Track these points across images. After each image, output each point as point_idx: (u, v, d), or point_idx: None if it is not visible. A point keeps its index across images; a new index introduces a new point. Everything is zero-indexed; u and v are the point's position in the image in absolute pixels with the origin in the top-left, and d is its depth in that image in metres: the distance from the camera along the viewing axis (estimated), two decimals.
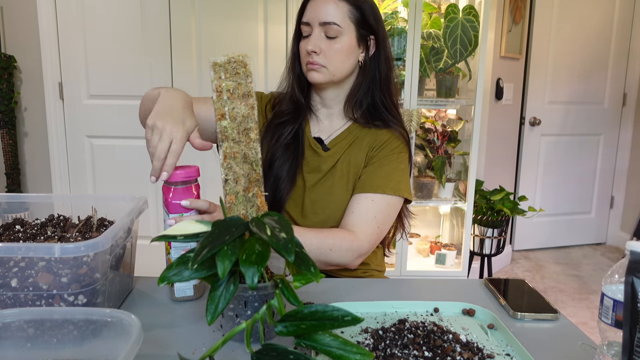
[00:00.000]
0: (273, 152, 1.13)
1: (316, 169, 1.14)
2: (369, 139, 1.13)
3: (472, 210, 2.51)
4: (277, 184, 1.12)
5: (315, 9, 1.06)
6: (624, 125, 3.64)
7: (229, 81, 0.73)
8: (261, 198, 0.77)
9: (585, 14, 3.39)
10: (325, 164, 1.14)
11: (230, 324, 0.75)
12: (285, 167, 1.12)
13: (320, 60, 1.07)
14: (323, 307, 0.59)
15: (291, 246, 0.59)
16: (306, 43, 1.08)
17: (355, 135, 1.14)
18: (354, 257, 1.01)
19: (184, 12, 2.50)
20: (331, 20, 1.05)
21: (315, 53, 1.06)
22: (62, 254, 0.70)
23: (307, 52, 1.07)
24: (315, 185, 1.14)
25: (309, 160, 1.15)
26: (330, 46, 1.06)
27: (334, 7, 1.05)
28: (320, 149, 1.14)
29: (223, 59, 0.73)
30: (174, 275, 0.63)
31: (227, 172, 0.74)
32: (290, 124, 1.14)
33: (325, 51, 1.06)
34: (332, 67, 1.08)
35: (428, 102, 2.48)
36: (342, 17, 1.06)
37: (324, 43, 1.06)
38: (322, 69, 1.08)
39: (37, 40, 2.50)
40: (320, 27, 1.06)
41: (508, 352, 0.72)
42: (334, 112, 1.17)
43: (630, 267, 0.58)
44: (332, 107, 1.17)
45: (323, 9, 1.05)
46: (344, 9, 1.06)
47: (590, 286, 3.02)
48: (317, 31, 1.06)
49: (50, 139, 2.59)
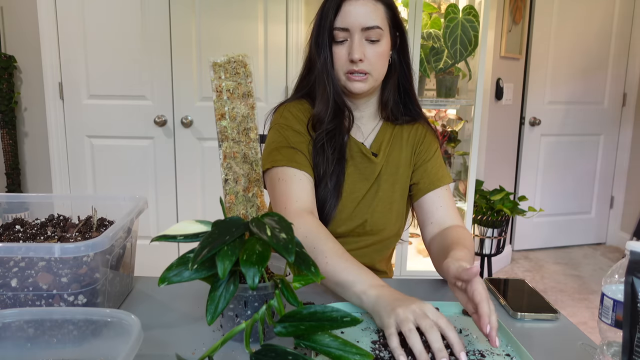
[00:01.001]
0: (324, 170, 1.05)
1: (368, 177, 1.10)
2: (407, 136, 1.13)
3: (472, 210, 2.51)
4: (324, 200, 1.06)
5: (353, 13, 0.99)
6: (623, 125, 3.64)
7: (229, 81, 0.73)
8: (261, 198, 0.77)
9: (585, 14, 3.39)
10: (373, 173, 1.10)
11: (230, 324, 0.75)
12: (333, 182, 1.05)
13: (365, 67, 1.01)
14: (322, 307, 0.59)
15: (291, 247, 0.59)
16: (345, 50, 1.01)
17: (391, 134, 1.12)
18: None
19: (184, 12, 2.50)
20: (374, 24, 0.99)
21: (361, 61, 1.00)
22: (62, 254, 0.70)
23: (352, 61, 1.00)
24: (369, 192, 1.11)
25: (360, 168, 1.10)
26: (374, 51, 1.01)
27: (374, 9, 1.00)
28: (370, 154, 1.09)
29: (223, 59, 0.73)
30: (174, 276, 0.63)
31: (227, 172, 0.74)
32: (338, 136, 1.07)
33: (369, 57, 1.01)
34: (375, 73, 1.03)
35: (428, 102, 2.48)
36: (382, 19, 1.01)
37: (367, 48, 1.01)
38: (367, 78, 1.02)
39: (37, 40, 2.50)
40: (361, 32, 0.99)
41: (508, 352, 0.72)
42: (364, 114, 1.12)
43: (630, 267, 0.58)
44: (364, 109, 1.12)
45: (363, 13, 0.99)
46: (381, 10, 1.01)
47: (590, 286, 3.02)
48: (357, 37, 0.99)
49: (50, 139, 2.59)
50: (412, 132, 1.14)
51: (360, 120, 1.13)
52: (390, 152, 1.11)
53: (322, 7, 1.04)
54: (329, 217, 1.06)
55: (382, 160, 1.10)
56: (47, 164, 2.64)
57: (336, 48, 1.02)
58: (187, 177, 2.65)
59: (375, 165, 1.10)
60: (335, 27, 1.01)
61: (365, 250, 1.12)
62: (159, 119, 2.56)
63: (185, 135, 2.61)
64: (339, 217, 1.07)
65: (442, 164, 1.13)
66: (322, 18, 1.03)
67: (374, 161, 1.09)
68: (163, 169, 2.65)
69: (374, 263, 1.16)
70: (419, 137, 1.14)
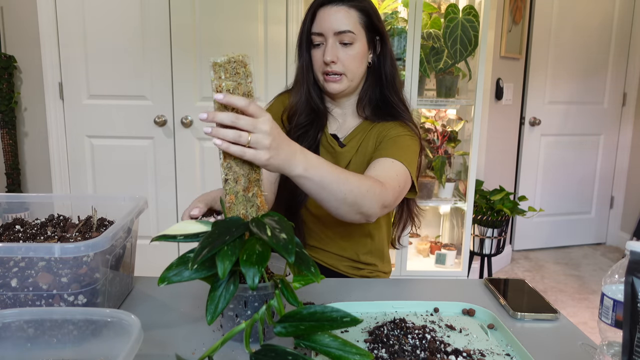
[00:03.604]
0: None
1: (339, 163, 1.16)
2: (379, 128, 1.15)
3: (472, 210, 2.51)
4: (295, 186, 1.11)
5: (327, 19, 1.07)
6: (623, 125, 3.64)
7: (229, 81, 0.73)
8: (261, 198, 0.77)
9: (585, 14, 3.39)
10: (343, 161, 1.16)
11: (230, 324, 0.75)
12: None
13: (339, 68, 1.08)
14: (322, 308, 0.59)
15: (291, 247, 0.59)
16: (321, 53, 1.09)
17: (367, 130, 1.16)
18: (380, 205, 0.95)
19: (184, 12, 2.50)
20: (345, 28, 1.06)
21: (334, 62, 1.08)
22: (62, 254, 0.70)
23: (325, 63, 1.08)
24: None
25: (332, 154, 1.17)
26: (346, 53, 1.08)
27: (346, 15, 1.07)
28: (337, 145, 1.17)
29: (223, 59, 0.73)
30: (174, 276, 0.63)
31: (227, 171, 0.74)
32: (313, 132, 1.16)
33: (342, 59, 1.08)
34: (350, 74, 1.10)
35: (428, 102, 2.48)
36: (354, 23, 1.07)
37: (340, 51, 1.08)
38: (341, 79, 1.10)
39: (37, 40, 2.50)
40: (334, 36, 1.07)
41: (508, 352, 0.72)
42: (347, 111, 1.20)
43: (630, 267, 0.58)
44: (346, 107, 1.20)
45: (335, 18, 1.06)
46: (354, 16, 1.08)
47: (590, 286, 3.02)
48: (331, 41, 1.07)
49: (50, 139, 2.59)
50: (384, 125, 1.15)
51: (342, 117, 1.20)
52: (361, 143, 1.16)
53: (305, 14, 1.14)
54: (304, 199, 1.14)
55: (352, 149, 1.16)
56: (47, 164, 2.63)
57: (314, 51, 1.12)
58: (187, 177, 2.65)
59: (345, 154, 1.16)
60: (312, 32, 1.10)
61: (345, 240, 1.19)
62: (159, 119, 2.56)
63: (185, 135, 2.61)
64: (311, 200, 1.11)
65: (406, 150, 1.08)
66: (302, 24, 1.13)
67: (337, 150, 1.16)
68: (163, 169, 2.65)
69: (358, 255, 1.20)
70: (388, 126, 1.14)
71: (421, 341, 0.73)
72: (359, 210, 0.91)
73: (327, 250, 1.20)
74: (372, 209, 0.93)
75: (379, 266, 1.23)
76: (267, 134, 0.72)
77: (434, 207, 2.83)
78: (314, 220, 1.19)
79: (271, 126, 0.72)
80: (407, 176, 1.04)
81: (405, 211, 1.22)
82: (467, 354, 0.70)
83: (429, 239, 2.89)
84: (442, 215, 2.93)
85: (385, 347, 0.72)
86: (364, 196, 0.90)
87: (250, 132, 0.71)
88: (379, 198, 0.93)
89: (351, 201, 0.88)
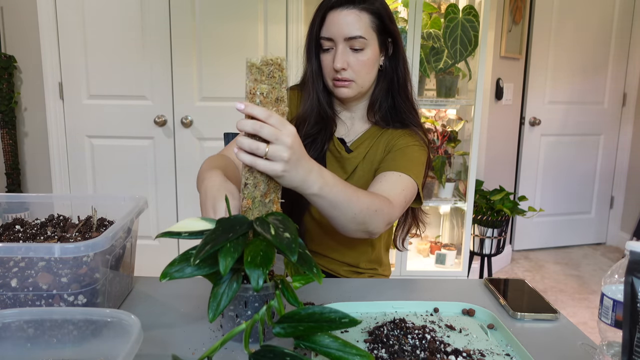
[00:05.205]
0: None
1: (338, 171, 1.14)
2: (388, 136, 1.13)
3: (472, 210, 2.51)
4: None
5: (337, 23, 1.02)
6: (623, 125, 3.64)
7: (264, 84, 0.70)
8: (277, 205, 0.76)
9: (585, 14, 3.39)
10: (349, 166, 1.14)
11: (230, 324, 0.75)
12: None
13: (349, 74, 1.05)
14: (320, 308, 0.59)
15: (294, 246, 0.59)
16: (331, 59, 1.05)
17: (376, 136, 1.14)
18: (386, 223, 0.95)
19: (184, 12, 2.50)
20: (356, 34, 1.02)
21: (344, 69, 1.04)
22: (62, 254, 0.70)
23: (335, 69, 1.04)
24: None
25: (339, 159, 1.15)
26: (357, 59, 1.04)
27: (357, 19, 1.02)
28: (343, 150, 1.14)
29: (259, 60, 0.69)
30: (176, 272, 0.63)
31: (248, 176, 0.73)
32: (321, 140, 1.12)
33: (352, 65, 1.04)
34: (360, 80, 1.06)
35: (428, 102, 2.48)
36: (365, 28, 1.03)
37: (351, 57, 1.04)
38: (351, 84, 1.06)
39: (37, 40, 2.50)
40: (345, 42, 1.03)
41: (508, 352, 0.72)
42: (356, 115, 1.17)
43: (630, 267, 0.58)
44: (355, 111, 1.17)
45: (346, 23, 1.01)
46: (366, 20, 1.03)
47: (590, 286, 3.02)
48: (341, 46, 1.03)
49: (50, 139, 2.59)
50: (393, 133, 1.13)
51: (351, 121, 1.17)
52: (369, 150, 1.13)
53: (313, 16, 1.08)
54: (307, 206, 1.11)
55: (360, 156, 1.13)
56: (47, 164, 2.63)
57: (323, 56, 1.07)
58: (187, 177, 2.65)
59: (352, 160, 1.13)
60: (321, 37, 1.05)
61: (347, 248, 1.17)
62: (158, 119, 2.56)
63: (185, 135, 2.61)
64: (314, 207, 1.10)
65: (413, 162, 1.07)
66: (310, 27, 1.07)
67: (343, 156, 1.14)
68: (163, 169, 2.65)
69: (359, 263, 1.19)
70: (397, 135, 1.12)
71: (421, 341, 0.73)
72: (366, 229, 0.92)
73: (328, 257, 1.19)
74: (378, 228, 0.94)
75: (378, 270, 1.24)
76: (288, 147, 0.70)
77: (434, 207, 2.83)
78: (316, 227, 1.17)
79: (293, 140, 0.71)
80: (414, 189, 1.04)
81: (410, 216, 1.21)
82: (467, 354, 0.70)
83: (429, 239, 2.89)
84: (442, 215, 2.93)
85: (385, 347, 0.72)
86: (371, 216, 0.90)
87: (271, 142, 0.70)
88: (386, 217, 0.94)
89: (360, 220, 0.89)
